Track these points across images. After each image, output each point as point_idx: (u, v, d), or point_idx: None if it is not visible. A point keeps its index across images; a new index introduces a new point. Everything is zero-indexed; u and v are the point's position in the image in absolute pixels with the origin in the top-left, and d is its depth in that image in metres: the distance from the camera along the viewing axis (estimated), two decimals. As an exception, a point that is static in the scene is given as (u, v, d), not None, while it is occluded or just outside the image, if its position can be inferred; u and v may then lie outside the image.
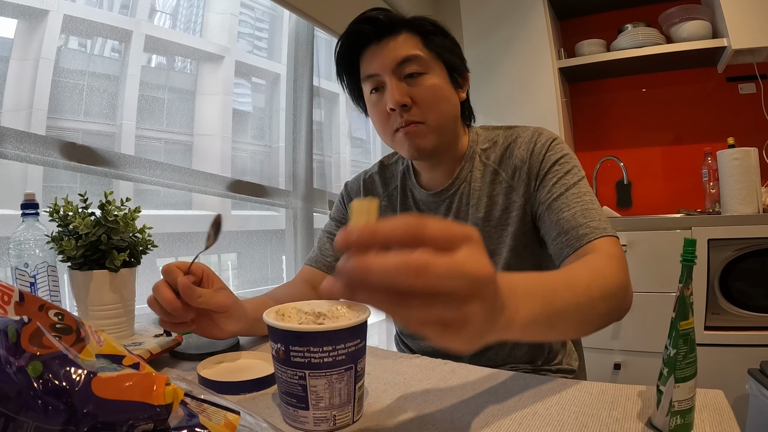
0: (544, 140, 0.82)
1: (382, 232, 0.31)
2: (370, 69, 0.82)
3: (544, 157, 0.80)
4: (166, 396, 0.32)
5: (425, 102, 0.79)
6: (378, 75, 0.80)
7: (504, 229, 0.84)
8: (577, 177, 0.78)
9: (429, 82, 0.80)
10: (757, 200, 1.80)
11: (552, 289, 0.47)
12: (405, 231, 0.31)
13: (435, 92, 0.80)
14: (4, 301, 0.38)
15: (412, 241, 0.31)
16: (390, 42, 0.80)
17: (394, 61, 0.79)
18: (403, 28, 0.81)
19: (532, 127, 0.86)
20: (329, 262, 0.94)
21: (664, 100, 2.35)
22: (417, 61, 0.79)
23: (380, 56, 0.80)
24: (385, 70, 0.79)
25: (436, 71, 0.81)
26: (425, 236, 0.31)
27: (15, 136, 1.00)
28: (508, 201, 0.83)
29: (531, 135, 0.84)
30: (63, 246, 0.73)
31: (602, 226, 0.71)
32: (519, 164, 0.82)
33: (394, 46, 0.79)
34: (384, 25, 0.80)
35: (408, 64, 0.79)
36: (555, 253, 0.75)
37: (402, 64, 0.79)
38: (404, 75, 0.79)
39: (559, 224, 0.74)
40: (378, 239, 0.31)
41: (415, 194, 0.92)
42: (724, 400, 0.49)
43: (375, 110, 0.84)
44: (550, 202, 0.77)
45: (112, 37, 1.59)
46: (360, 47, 0.83)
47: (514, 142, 0.84)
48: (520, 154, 0.83)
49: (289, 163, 1.85)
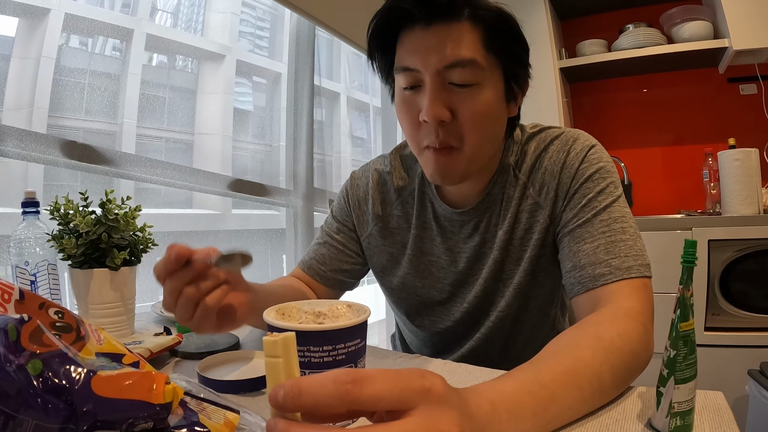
0: (579, 149, 0.69)
1: (308, 394, 0.28)
2: (408, 60, 0.64)
3: (577, 170, 0.68)
4: (165, 395, 0.32)
5: (469, 122, 0.64)
6: (417, 71, 0.64)
7: (523, 251, 0.73)
8: (611, 198, 0.66)
9: (480, 99, 0.63)
10: (758, 201, 1.80)
11: (548, 392, 0.42)
12: (335, 393, 0.28)
13: (484, 112, 0.64)
14: (5, 299, 0.38)
15: (346, 404, 0.28)
16: (441, 30, 0.62)
17: (442, 61, 0.62)
18: (465, 14, 0.62)
19: (567, 131, 0.73)
20: (324, 273, 0.84)
21: (665, 100, 2.35)
22: (471, 67, 0.62)
23: (425, 48, 0.63)
24: (427, 69, 0.63)
25: (492, 83, 0.65)
26: (362, 399, 0.28)
27: (16, 134, 1.00)
28: (532, 220, 0.72)
29: (564, 143, 0.71)
30: (63, 244, 0.73)
31: (626, 265, 0.60)
32: (548, 179, 0.70)
33: (445, 38, 0.62)
34: (439, 6, 0.61)
35: (458, 70, 0.62)
36: (566, 287, 0.67)
37: (451, 68, 0.62)
38: (450, 81, 0.63)
39: (577, 256, 0.64)
40: (304, 403, 0.28)
41: (437, 208, 0.78)
42: (723, 402, 0.49)
43: (406, 111, 0.67)
44: (574, 228, 0.66)
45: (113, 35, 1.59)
46: (401, 23, 0.65)
47: (545, 150, 0.72)
48: (550, 167, 0.71)
49: (290, 162, 1.85)
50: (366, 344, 0.50)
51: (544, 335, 0.81)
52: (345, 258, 0.85)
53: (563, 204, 0.69)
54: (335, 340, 0.46)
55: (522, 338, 0.80)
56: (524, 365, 0.46)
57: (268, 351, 0.31)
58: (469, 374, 0.62)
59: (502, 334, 0.79)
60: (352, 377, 0.29)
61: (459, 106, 0.63)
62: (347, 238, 0.86)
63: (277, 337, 0.30)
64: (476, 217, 0.75)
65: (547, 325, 0.81)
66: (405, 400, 0.30)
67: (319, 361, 0.45)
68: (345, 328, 0.46)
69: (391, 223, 0.83)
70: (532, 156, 0.73)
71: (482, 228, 0.75)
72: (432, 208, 0.79)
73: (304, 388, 0.28)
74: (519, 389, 0.41)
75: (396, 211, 0.82)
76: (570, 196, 0.68)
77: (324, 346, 0.45)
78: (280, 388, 0.29)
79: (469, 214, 0.75)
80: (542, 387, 0.42)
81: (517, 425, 0.39)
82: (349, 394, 0.28)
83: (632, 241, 0.63)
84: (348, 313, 0.53)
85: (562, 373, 0.44)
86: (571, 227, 0.67)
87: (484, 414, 0.36)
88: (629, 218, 0.66)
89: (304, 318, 0.52)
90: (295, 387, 0.29)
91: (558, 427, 0.43)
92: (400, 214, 0.82)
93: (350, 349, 0.47)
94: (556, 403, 0.42)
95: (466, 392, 0.37)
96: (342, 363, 0.46)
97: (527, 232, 0.73)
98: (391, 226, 0.83)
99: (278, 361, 0.30)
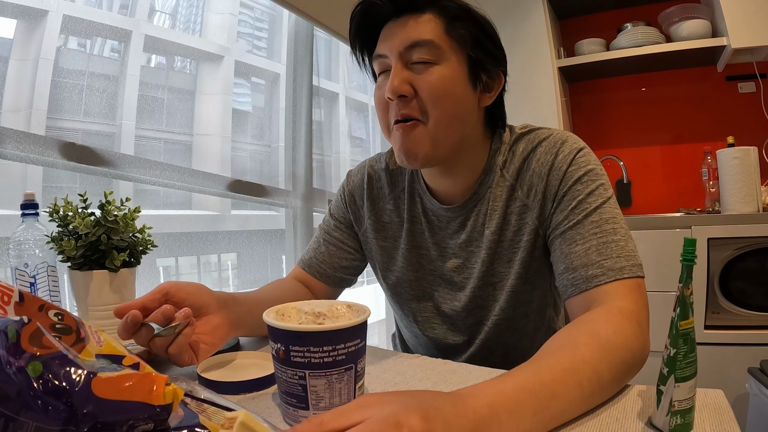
0: (567, 151, 0.70)
1: None
2: (379, 48, 0.72)
3: (565, 173, 0.69)
4: (166, 396, 0.32)
5: (427, 96, 0.68)
6: (386, 56, 0.70)
7: (514, 252, 0.74)
8: (600, 199, 0.66)
9: (438, 74, 0.68)
10: (757, 199, 1.80)
11: (549, 391, 0.42)
12: None
13: (442, 86, 0.68)
14: (4, 301, 0.38)
15: None
16: (409, 21, 0.69)
17: (403, 43, 0.68)
18: (428, 7, 0.69)
19: (556, 133, 0.74)
20: (324, 270, 0.86)
21: (663, 99, 2.35)
22: (429, 47, 0.67)
23: (392, 36, 0.70)
24: (392, 51, 0.69)
25: (451, 63, 0.69)
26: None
27: (15, 136, 1.00)
28: (521, 222, 0.73)
29: (552, 145, 0.72)
30: (63, 246, 0.73)
31: (618, 266, 0.61)
32: (536, 181, 0.71)
33: (410, 27, 0.68)
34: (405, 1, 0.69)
35: (417, 50, 0.68)
36: (560, 289, 0.67)
37: (411, 48, 0.68)
38: (411, 61, 0.69)
39: (569, 258, 0.65)
40: None
41: (425, 203, 0.80)
42: (724, 400, 0.49)
43: (376, 96, 0.73)
44: (565, 230, 0.67)
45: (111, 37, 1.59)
46: (379, 21, 0.72)
47: (533, 152, 0.73)
48: (538, 169, 0.71)
49: (289, 163, 1.85)
50: (366, 344, 0.50)
51: (542, 337, 0.81)
52: (344, 255, 0.87)
53: (552, 207, 0.70)
54: (335, 341, 0.46)
55: (521, 344, 0.80)
56: (524, 364, 0.46)
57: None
58: (469, 374, 0.62)
59: (501, 340, 0.79)
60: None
61: (418, 81, 0.68)
62: (345, 234, 0.87)
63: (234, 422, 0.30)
64: (463, 215, 0.77)
65: (543, 327, 0.82)
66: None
67: (319, 362, 0.45)
68: (345, 329, 0.46)
69: (383, 218, 0.85)
70: (520, 157, 0.74)
71: (469, 226, 0.77)
72: (421, 203, 0.81)
73: None
74: (519, 389, 0.41)
75: (389, 206, 0.84)
76: (559, 198, 0.69)
77: (324, 346, 0.45)
78: None
79: (456, 211, 0.77)
80: (543, 386, 0.42)
81: (518, 425, 0.39)
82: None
83: (624, 241, 0.63)
84: (348, 314, 0.53)
85: (561, 371, 0.45)
86: (562, 229, 0.67)
87: (482, 419, 0.36)
88: (620, 219, 0.66)
89: (304, 318, 0.51)
90: None
91: (558, 426, 0.43)
92: (392, 209, 0.84)
93: (350, 350, 0.47)
94: (556, 401, 0.42)
95: (463, 398, 0.37)
96: (342, 363, 0.46)
97: (516, 234, 0.74)
98: (383, 221, 0.85)
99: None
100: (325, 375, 0.46)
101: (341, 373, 0.46)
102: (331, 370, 0.46)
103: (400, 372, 0.64)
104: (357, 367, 0.48)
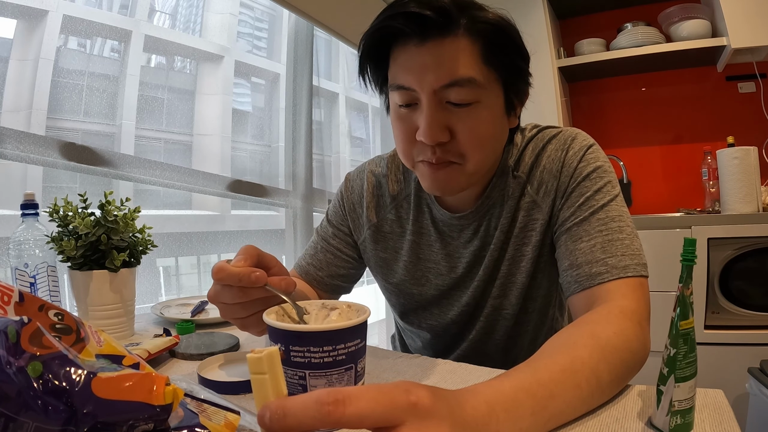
0: (577, 147, 0.69)
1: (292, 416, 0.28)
2: (403, 79, 0.61)
3: (575, 169, 0.68)
4: (166, 396, 0.32)
5: (468, 140, 0.61)
6: (413, 90, 0.61)
7: (522, 250, 0.73)
8: (608, 197, 0.66)
9: (479, 117, 0.61)
10: (757, 199, 1.80)
11: (547, 391, 0.42)
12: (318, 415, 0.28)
13: (484, 131, 0.62)
14: (4, 301, 0.38)
15: (330, 425, 0.28)
16: (436, 47, 0.59)
17: (439, 81, 0.59)
18: (460, 29, 0.59)
19: (565, 130, 0.73)
20: (321, 278, 0.83)
21: (663, 99, 2.35)
22: (470, 86, 0.59)
23: (420, 68, 0.59)
24: (423, 88, 0.60)
25: (491, 99, 0.62)
26: (345, 419, 0.28)
27: (15, 136, 1.00)
28: (529, 218, 0.72)
29: (562, 142, 0.70)
30: (63, 246, 0.73)
31: (622, 264, 0.60)
32: (547, 177, 0.70)
33: (441, 56, 0.59)
34: (434, 23, 0.58)
35: (456, 90, 0.59)
36: (563, 285, 0.67)
37: (448, 88, 0.59)
38: (447, 100, 0.60)
39: (574, 255, 0.64)
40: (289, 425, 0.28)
41: (434, 212, 0.77)
42: (724, 400, 0.49)
43: (401, 127, 0.65)
44: (571, 226, 0.66)
45: (111, 37, 1.59)
46: (393, 39, 0.63)
47: (543, 149, 0.71)
48: (549, 165, 0.70)
49: (289, 163, 1.85)
50: (366, 344, 0.50)
51: (544, 336, 0.81)
52: (341, 263, 0.84)
53: (561, 202, 0.69)
54: (335, 341, 0.46)
55: (523, 340, 0.80)
56: (522, 364, 0.46)
57: (253, 368, 0.31)
58: (469, 374, 0.62)
59: (503, 334, 0.79)
60: (333, 397, 0.28)
61: (458, 126, 0.61)
62: (343, 243, 0.85)
63: (261, 353, 0.30)
64: (476, 221, 0.74)
65: (546, 325, 0.81)
66: (390, 418, 0.30)
67: (319, 362, 0.45)
68: (345, 329, 0.46)
69: (384, 228, 0.82)
70: (531, 155, 0.72)
71: (482, 232, 0.74)
72: (429, 213, 0.78)
73: (288, 409, 0.28)
74: (517, 388, 0.41)
75: (390, 216, 0.81)
76: (567, 194, 0.68)
77: (324, 346, 0.45)
78: (266, 410, 0.29)
79: (468, 218, 0.74)
80: (540, 386, 0.42)
81: (516, 425, 0.39)
82: (332, 415, 0.28)
83: (629, 240, 0.63)
84: (348, 313, 0.53)
85: (560, 372, 0.44)
86: (568, 225, 0.67)
87: (480, 416, 0.36)
88: (626, 217, 0.65)
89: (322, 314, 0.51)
90: (279, 409, 0.29)
91: (556, 426, 0.43)
92: (394, 219, 0.81)
93: (350, 350, 0.47)
94: (554, 401, 0.42)
95: (461, 395, 0.37)
96: (342, 363, 0.46)
97: (524, 231, 0.72)
98: (384, 231, 0.82)
99: (264, 377, 0.30)
100: (325, 375, 0.46)
101: (341, 373, 0.46)
102: (331, 370, 0.46)
103: (400, 372, 0.64)
104: (357, 367, 0.48)
